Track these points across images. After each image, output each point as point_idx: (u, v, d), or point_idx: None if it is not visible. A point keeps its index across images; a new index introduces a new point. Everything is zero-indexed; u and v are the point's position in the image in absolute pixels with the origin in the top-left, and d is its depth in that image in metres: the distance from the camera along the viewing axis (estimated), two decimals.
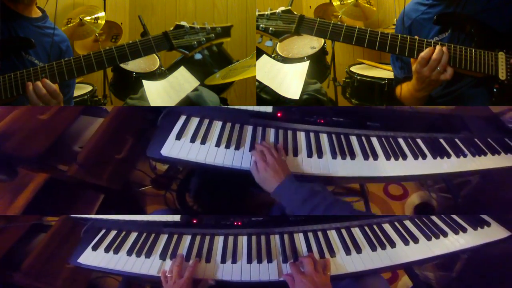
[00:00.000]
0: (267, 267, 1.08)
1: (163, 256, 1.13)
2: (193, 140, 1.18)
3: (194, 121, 1.29)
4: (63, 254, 1.37)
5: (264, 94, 1.44)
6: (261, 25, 1.14)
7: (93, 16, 1.80)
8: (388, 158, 1.22)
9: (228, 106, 1.30)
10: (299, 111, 1.33)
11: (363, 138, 1.30)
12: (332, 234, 1.20)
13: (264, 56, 1.51)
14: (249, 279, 1.05)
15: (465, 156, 1.30)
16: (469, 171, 1.26)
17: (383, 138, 1.31)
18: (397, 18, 1.29)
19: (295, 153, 1.18)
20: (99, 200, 1.59)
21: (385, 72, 1.70)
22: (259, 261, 1.10)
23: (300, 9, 2.13)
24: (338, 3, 1.89)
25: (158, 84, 1.46)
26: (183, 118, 1.29)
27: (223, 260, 1.11)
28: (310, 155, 1.18)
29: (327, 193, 1.04)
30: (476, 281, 1.45)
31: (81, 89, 1.72)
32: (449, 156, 1.28)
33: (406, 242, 1.15)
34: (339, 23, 1.11)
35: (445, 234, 1.18)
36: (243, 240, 1.19)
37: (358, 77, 1.72)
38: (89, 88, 1.76)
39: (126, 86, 1.66)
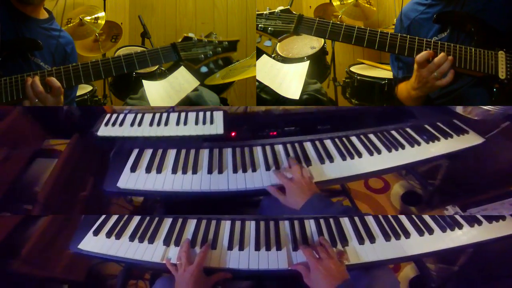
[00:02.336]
0: (276, 255, 1.03)
1: (167, 242, 1.08)
2: (148, 170, 1.20)
3: (147, 152, 1.29)
4: (62, 240, 1.36)
5: (264, 94, 1.44)
6: (259, 25, 1.14)
7: (93, 16, 1.81)
8: (343, 158, 1.24)
9: (177, 134, 1.32)
10: (249, 129, 1.37)
11: (316, 142, 1.33)
12: (345, 222, 1.15)
13: (264, 56, 1.51)
14: (257, 267, 1.00)
15: (419, 144, 1.31)
16: (426, 158, 1.27)
17: (336, 139, 1.34)
18: (397, 18, 1.29)
19: (253, 169, 1.20)
20: None
21: (385, 72, 1.70)
22: (268, 248, 1.05)
23: (300, 9, 2.13)
24: (338, 3, 1.89)
25: (158, 84, 1.46)
26: (135, 151, 1.30)
27: (230, 247, 1.06)
28: (268, 168, 1.20)
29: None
30: (478, 276, 1.44)
31: (81, 89, 1.72)
32: (403, 147, 1.29)
33: (420, 233, 1.10)
34: (338, 22, 1.11)
35: (460, 226, 1.14)
36: (250, 226, 1.14)
37: (358, 77, 1.72)
38: (89, 88, 1.76)
39: (126, 86, 1.67)
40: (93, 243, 1.11)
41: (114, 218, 1.21)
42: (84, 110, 1.65)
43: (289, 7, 1.13)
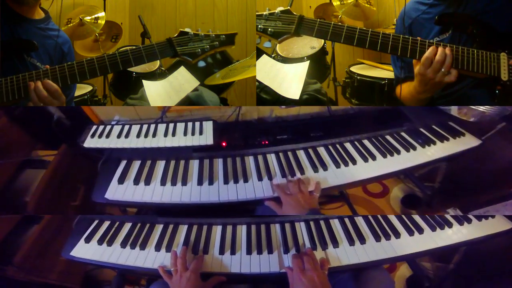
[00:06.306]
0: (268, 258, 1.05)
1: (158, 248, 1.09)
2: (136, 182, 1.19)
3: (136, 164, 1.29)
4: (57, 246, 1.35)
5: (264, 94, 1.44)
6: (259, 26, 1.12)
7: (93, 16, 1.80)
8: (337, 166, 1.23)
9: (166, 145, 1.30)
10: (240, 139, 1.36)
11: (309, 150, 1.32)
12: (335, 223, 1.17)
13: (264, 56, 1.50)
14: (249, 271, 1.01)
15: (414, 149, 1.31)
16: (422, 163, 1.27)
17: (329, 146, 1.33)
18: (397, 18, 1.28)
19: (245, 179, 1.19)
20: None
21: (385, 72, 1.69)
22: (259, 252, 1.06)
23: (300, 9, 2.13)
24: (338, 3, 1.88)
25: (158, 84, 1.45)
26: (123, 163, 1.29)
27: (222, 251, 1.07)
28: (260, 178, 1.20)
29: None
30: (474, 273, 1.44)
31: (81, 89, 1.71)
32: (398, 152, 1.29)
33: (410, 233, 1.11)
34: (339, 23, 1.10)
35: (450, 225, 1.15)
36: (242, 230, 1.16)
37: (358, 77, 1.71)
38: (89, 88, 1.75)
39: (126, 86, 1.66)
40: (85, 250, 1.11)
41: (106, 224, 1.21)
42: (73, 120, 1.61)
43: (289, 7, 1.12)
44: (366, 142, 1.36)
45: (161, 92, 1.41)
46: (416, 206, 1.90)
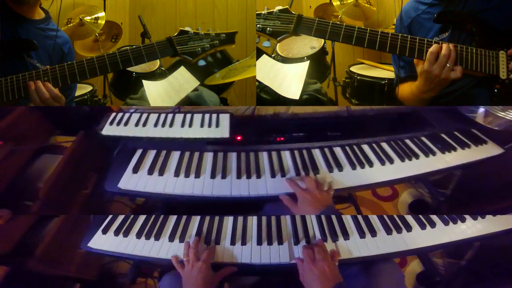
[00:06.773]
0: (278, 249, 1.05)
1: (172, 238, 1.11)
2: (150, 172, 1.19)
3: (151, 153, 1.29)
4: (76, 239, 1.35)
5: (264, 94, 1.44)
6: (258, 25, 1.12)
7: (93, 16, 1.80)
8: (353, 167, 1.22)
9: (182, 136, 1.32)
10: (256, 134, 1.35)
11: (326, 150, 1.30)
12: (346, 216, 1.16)
13: (264, 56, 1.51)
14: (259, 261, 1.02)
15: (434, 154, 1.29)
16: (441, 169, 1.24)
17: (346, 147, 1.31)
18: (397, 18, 1.28)
19: (258, 175, 1.19)
20: None
21: (385, 72, 1.69)
22: (270, 243, 1.07)
23: (300, 9, 2.13)
24: (338, 3, 1.88)
25: (158, 84, 1.46)
26: (139, 152, 1.29)
27: (233, 242, 1.08)
28: (273, 175, 1.19)
29: None
30: (486, 270, 1.41)
31: (81, 89, 1.72)
32: (417, 156, 1.27)
33: (423, 227, 1.10)
34: (338, 23, 1.10)
35: (463, 220, 1.14)
36: (252, 221, 1.16)
37: (358, 77, 1.71)
38: (89, 88, 1.76)
39: (126, 86, 1.66)
40: (103, 241, 1.12)
41: (122, 216, 1.21)
42: (92, 108, 1.65)
43: (288, 7, 1.12)
44: (384, 144, 1.34)
45: (161, 92, 1.42)
46: (424, 212, 1.87)
